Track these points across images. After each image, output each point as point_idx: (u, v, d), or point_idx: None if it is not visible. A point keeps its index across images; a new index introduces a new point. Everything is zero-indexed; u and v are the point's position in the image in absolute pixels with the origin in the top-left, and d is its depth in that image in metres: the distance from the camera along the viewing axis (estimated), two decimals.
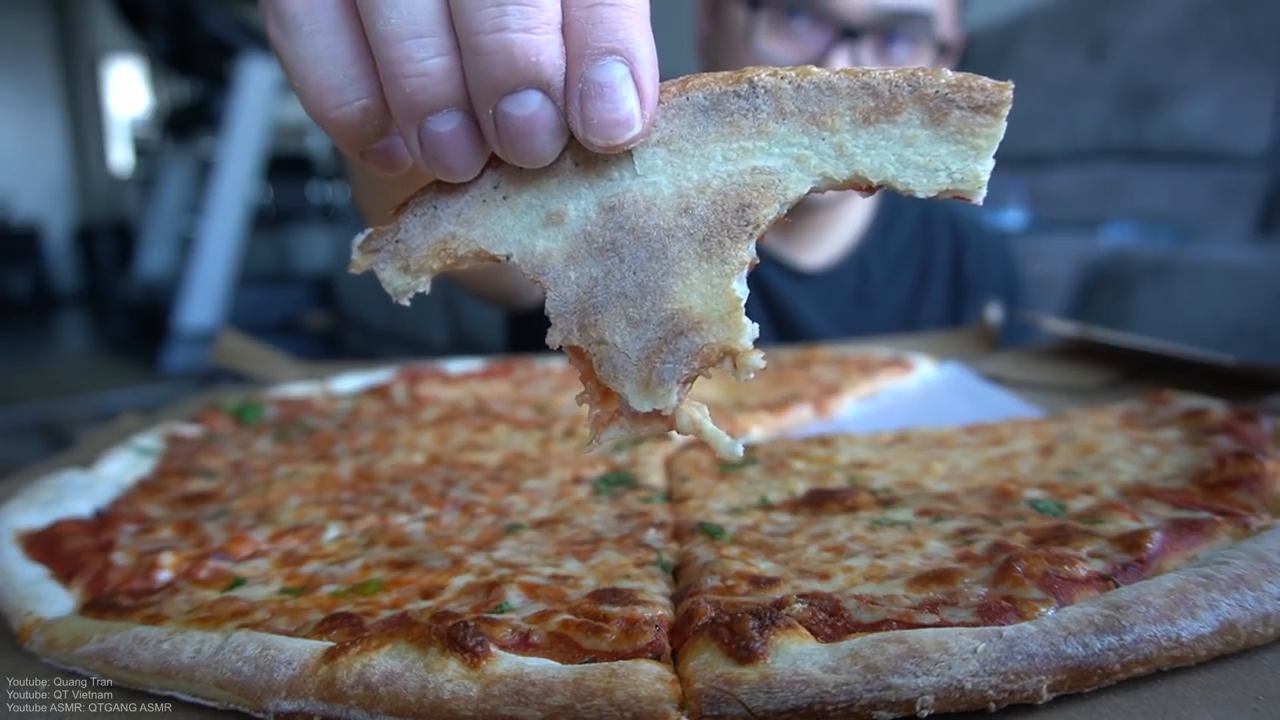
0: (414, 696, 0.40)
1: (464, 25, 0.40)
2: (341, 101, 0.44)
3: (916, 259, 1.61)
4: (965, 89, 0.42)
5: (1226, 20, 3.07)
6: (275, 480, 0.74)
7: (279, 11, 0.44)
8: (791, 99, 0.43)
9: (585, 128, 0.41)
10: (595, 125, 0.41)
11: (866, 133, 0.43)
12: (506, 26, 0.39)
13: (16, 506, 0.64)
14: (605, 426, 0.46)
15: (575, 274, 0.44)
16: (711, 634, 0.42)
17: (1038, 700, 0.40)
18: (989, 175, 0.43)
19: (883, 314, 1.55)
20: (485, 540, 0.58)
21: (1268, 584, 0.44)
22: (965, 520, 0.55)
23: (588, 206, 0.44)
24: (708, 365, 0.43)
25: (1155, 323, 2.22)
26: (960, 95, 0.42)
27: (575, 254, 0.44)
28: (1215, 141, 3.06)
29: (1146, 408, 0.77)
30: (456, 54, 0.41)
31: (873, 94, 0.43)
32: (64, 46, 10.65)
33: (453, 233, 0.45)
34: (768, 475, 0.68)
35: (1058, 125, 3.43)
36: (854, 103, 0.43)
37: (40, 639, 0.49)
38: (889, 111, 0.42)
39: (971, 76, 0.42)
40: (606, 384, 0.45)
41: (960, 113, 0.42)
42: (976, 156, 0.42)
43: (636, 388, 0.44)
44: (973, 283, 1.61)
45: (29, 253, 10.11)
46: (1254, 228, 2.89)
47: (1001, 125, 0.42)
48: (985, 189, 0.43)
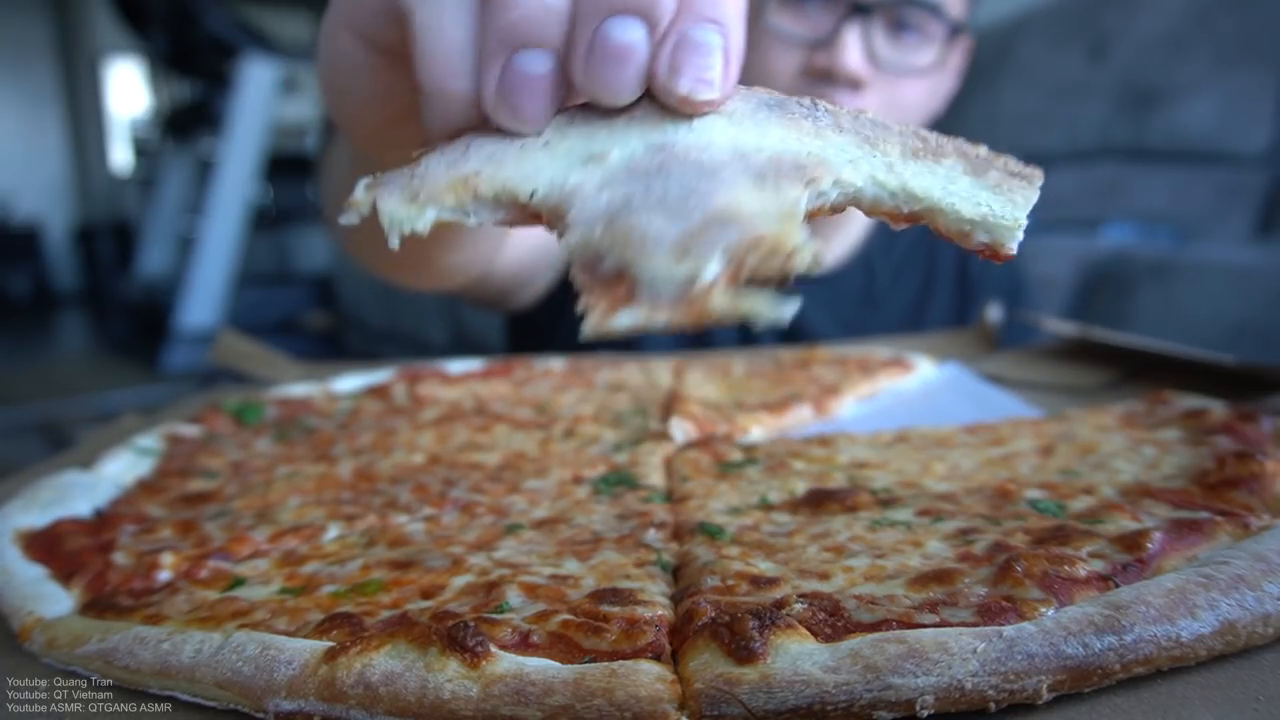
0: (414, 696, 0.40)
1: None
2: (463, 72, 0.43)
3: (922, 260, 1.61)
4: (1002, 160, 0.45)
5: (1227, 20, 3.07)
6: (275, 480, 0.74)
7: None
8: (849, 121, 0.44)
9: (672, 74, 0.41)
10: (682, 75, 0.41)
11: (915, 164, 0.44)
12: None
13: (17, 506, 0.64)
14: (615, 309, 0.39)
15: (608, 194, 0.41)
16: (711, 634, 0.42)
17: (1038, 700, 0.40)
18: (1024, 224, 0.43)
19: (888, 316, 1.55)
20: (485, 540, 0.58)
21: (1268, 584, 0.44)
22: (965, 520, 0.55)
23: (635, 148, 0.42)
24: (756, 255, 0.39)
25: (1155, 323, 2.22)
26: (999, 162, 0.44)
27: (612, 180, 0.41)
28: (1215, 142, 3.06)
29: (1146, 408, 0.77)
30: (571, 3, 0.41)
31: (921, 139, 0.44)
32: (64, 46, 10.64)
33: (478, 170, 0.42)
34: (768, 475, 0.68)
35: (1058, 125, 3.43)
36: (904, 141, 0.44)
37: (40, 639, 0.49)
38: (935, 154, 0.44)
39: (1006, 157, 0.45)
40: (630, 261, 0.39)
41: (999, 173, 0.44)
42: (1014, 206, 0.43)
43: (668, 256, 0.39)
44: (978, 284, 1.61)
45: (29, 253, 10.11)
46: (1254, 228, 2.89)
47: (1036, 193, 0.44)
48: (1020, 236, 0.43)
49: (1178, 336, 1.35)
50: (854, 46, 1.24)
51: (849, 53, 1.24)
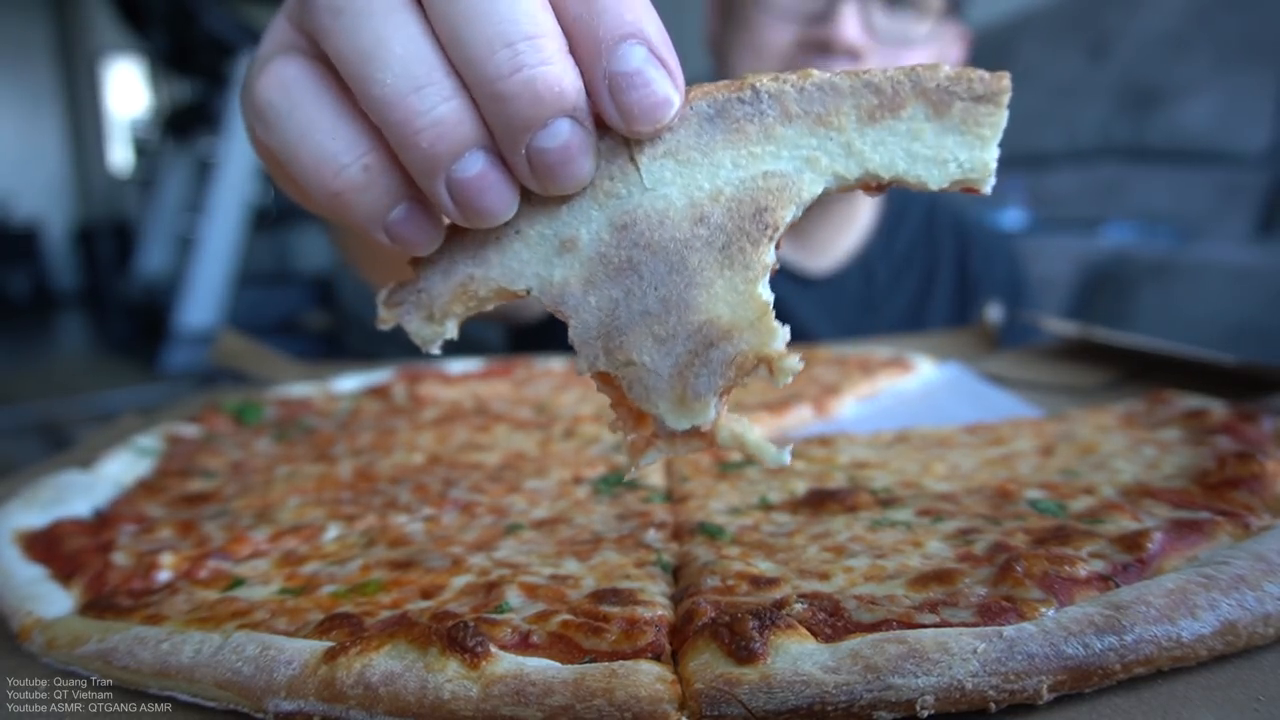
0: (414, 697, 0.40)
1: (478, 75, 0.39)
2: (340, 166, 0.42)
3: (921, 262, 1.60)
4: (965, 80, 0.42)
5: (1227, 20, 3.07)
6: (275, 480, 0.74)
7: (256, 106, 0.43)
8: (795, 101, 0.43)
9: (627, 120, 0.41)
10: (636, 115, 0.40)
11: (873, 130, 0.43)
12: (523, 65, 0.38)
13: (16, 506, 0.64)
14: (642, 451, 0.44)
15: (595, 299, 0.43)
16: (711, 634, 0.42)
17: (1038, 700, 0.40)
18: (995, 163, 0.43)
19: (888, 318, 1.55)
20: (485, 540, 0.58)
21: (1268, 584, 0.44)
22: (965, 520, 0.55)
23: (599, 228, 0.43)
24: (743, 374, 0.42)
25: (1155, 323, 2.22)
26: (961, 87, 0.42)
27: (593, 278, 0.43)
28: (1215, 141, 3.06)
29: (1147, 408, 0.77)
30: (464, 93, 0.40)
31: (875, 91, 0.42)
32: (64, 46, 10.65)
33: (471, 274, 0.45)
34: (768, 475, 0.68)
35: (1058, 125, 3.43)
36: (858, 101, 0.43)
37: (40, 639, 0.49)
38: (893, 107, 0.42)
39: (969, 69, 0.43)
40: (639, 406, 0.44)
41: (963, 103, 0.42)
42: (983, 146, 0.42)
43: (671, 405, 0.43)
44: (978, 285, 1.61)
45: (29, 253, 10.11)
46: (1254, 228, 2.90)
47: (1004, 114, 0.42)
48: (994, 177, 0.43)
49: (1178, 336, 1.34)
50: (851, 18, 1.23)
51: (847, 25, 1.23)
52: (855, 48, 1.25)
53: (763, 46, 1.29)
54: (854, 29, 1.24)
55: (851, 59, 1.26)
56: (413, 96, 0.40)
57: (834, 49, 1.25)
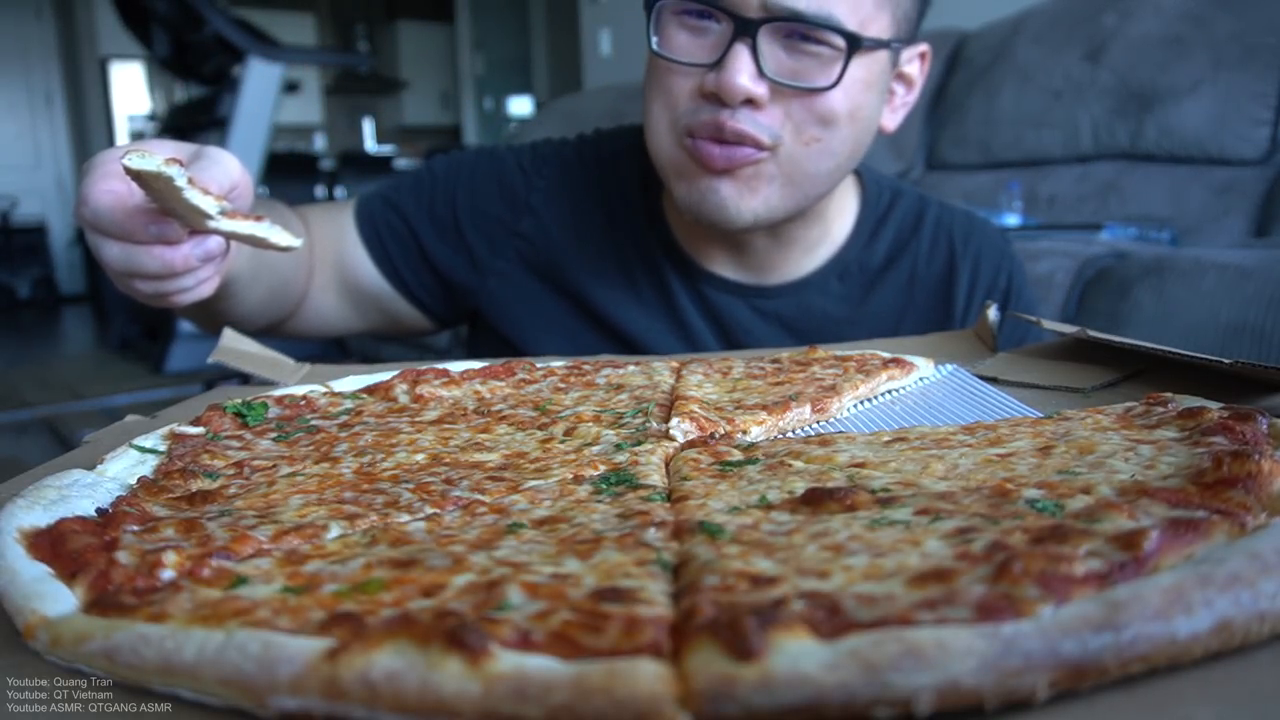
0: (415, 694, 0.40)
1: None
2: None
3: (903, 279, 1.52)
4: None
5: (1225, 23, 3.07)
6: (278, 480, 0.74)
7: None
8: None
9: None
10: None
11: None
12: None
13: (20, 506, 0.65)
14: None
15: None
16: (711, 632, 0.42)
17: (1035, 698, 0.40)
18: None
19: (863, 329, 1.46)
20: (486, 539, 0.58)
21: (1264, 582, 0.44)
22: (964, 519, 0.55)
23: None
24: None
25: (1153, 324, 2.22)
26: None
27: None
28: (1213, 143, 3.06)
29: (1144, 408, 0.77)
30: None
31: None
32: (68, 49, 10.67)
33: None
34: (767, 475, 0.69)
35: (1056, 126, 3.43)
36: None
37: (44, 637, 0.50)
38: None
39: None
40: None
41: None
42: None
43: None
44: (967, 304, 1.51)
45: (35, 253, 10.12)
46: (1252, 229, 2.90)
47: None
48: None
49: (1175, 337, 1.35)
50: (743, 65, 1.15)
51: (735, 73, 1.15)
52: (749, 95, 1.17)
53: (668, 94, 1.24)
54: (746, 77, 1.15)
55: (753, 109, 1.19)
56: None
57: (727, 100, 1.17)
